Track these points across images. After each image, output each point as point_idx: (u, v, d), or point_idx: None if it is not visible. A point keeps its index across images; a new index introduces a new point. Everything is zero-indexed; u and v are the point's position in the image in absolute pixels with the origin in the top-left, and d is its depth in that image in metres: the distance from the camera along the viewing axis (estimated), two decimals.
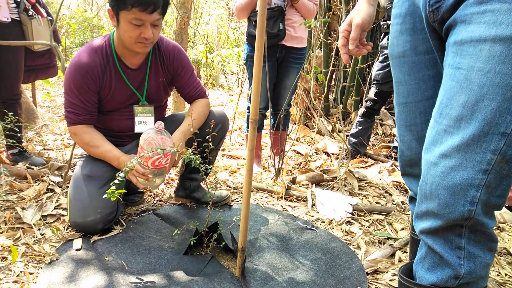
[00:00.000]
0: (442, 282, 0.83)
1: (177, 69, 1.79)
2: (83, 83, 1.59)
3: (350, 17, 1.02)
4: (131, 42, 1.55)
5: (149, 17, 1.49)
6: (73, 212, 1.59)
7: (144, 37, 1.53)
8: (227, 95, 5.47)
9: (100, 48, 1.63)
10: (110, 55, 1.64)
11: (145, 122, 1.79)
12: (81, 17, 7.29)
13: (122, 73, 1.67)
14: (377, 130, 3.82)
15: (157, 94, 1.81)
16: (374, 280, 1.49)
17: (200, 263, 1.48)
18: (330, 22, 4.05)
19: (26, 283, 1.30)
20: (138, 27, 1.50)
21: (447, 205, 0.79)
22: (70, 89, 1.61)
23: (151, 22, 1.52)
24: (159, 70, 1.76)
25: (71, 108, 1.63)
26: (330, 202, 2.10)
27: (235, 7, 2.38)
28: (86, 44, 1.67)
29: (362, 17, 0.98)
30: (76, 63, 1.59)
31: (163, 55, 1.75)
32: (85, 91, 1.61)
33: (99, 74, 1.62)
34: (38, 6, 2.24)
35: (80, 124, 1.65)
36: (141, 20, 1.49)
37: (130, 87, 1.71)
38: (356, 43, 1.00)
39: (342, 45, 1.04)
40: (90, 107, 1.65)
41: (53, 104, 4.31)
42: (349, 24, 1.02)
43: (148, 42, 1.56)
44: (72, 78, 1.60)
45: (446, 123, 0.79)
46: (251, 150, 1.24)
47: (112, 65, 1.65)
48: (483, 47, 0.73)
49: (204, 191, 2.02)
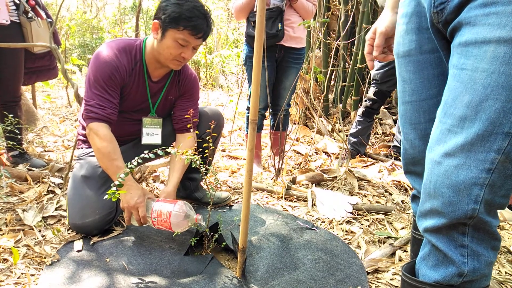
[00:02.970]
0: (446, 280, 0.84)
1: (185, 91, 1.84)
2: (112, 76, 1.58)
3: (376, 25, 1.07)
4: (168, 58, 1.60)
5: (196, 41, 1.57)
6: (72, 214, 1.60)
7: (183, 57, 1.60)
8: (227, 95, 5.48)
9: (130, 49, 1.65)
10: (139, 60, 1.67)
11: (153, 133, 1.82)
12: (81, 19, 7.29)
13: (146, 79, 1.70)
14: (376, 129, 3.82)
15: (164, 109, 1.85)
16: (374, 279, 1.49)
17: (201, 264, 1.48)
18: (329, 22, 4.06)
19: (27, 284, 1.31)
20: (182, 47, 1.57)
21: (451, 203, 0.80)
22: (97, 80, 1.56)
23: (194, 45, 1.60)
24: (173, 88, 1.81)
25: (95, 101, 1.56)
26: (330, 201, 2.10)
27: (234, 8, 2.39)
28: (114, 41, 1.65)
29: (385, 25, 1.02)
30: (107, 57, 1.58)
31: (181, 76, 1.81)
32: (113, 84, 1.60)
33: (127, 73, 1.64)
34: (37, 8, 2.24)
35: (104, 120, 1.58)
36: (188, 42, 1.56)
37: (148, 95, 1.74)
38: (381, 50, 1.04)
39: (367, 53, 1.09)
40: (115, 101, 1.62)
41: (53, 106, 4.31)
42: (374, 32, 1.06)
43: (184, 62, 1.63)
44: (101, 70, 1.56)
45: (450, 123, 0.80)
46: (251, 150, 1.25)
47: (138, 70, 1.67)
48: (487, 48, 0.75)
49: (204, 191, 2.03)
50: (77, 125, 3.47)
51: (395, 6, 1.01)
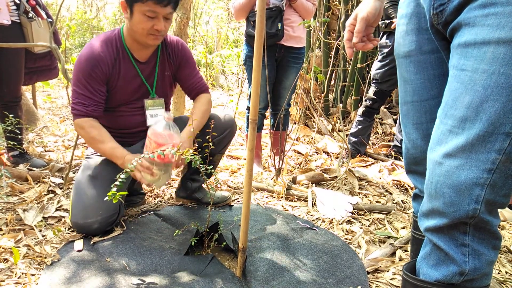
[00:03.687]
0: (447, 279, 0.84)
1: (181, 61, 1.83)
2: (92, 73, 1.61)
3: (356, 11, 1.02)
4: (143, 34, 1.59)
5: (163, 10, 1.55)
6: (75, 212, 1.60)
7: (156, 29, 1.58)
8: (227, 95, 5.48)
9: (111, 40, 1.67)
10: (120, 47, 1.68)
11: (156, 114, 1.82)
12: (81, 19, 7.30)
13: (134, 63, 1.71)
14: (377, 129, 3.82)
15: (163, 88, 1.85)
16: (374, 279, 1.49)
17: (201, 264, 1.48)
18: (329, 22, 4.05)
19: (28, 284, 1.31)
20: (151, 19, 1.55)
21: (452, 203, 0.80)
22: (79, 79, 1.62)
23: (164, 15, 1.57)
24: (166, 64, 1.81)
25: (78, 99, 1.63)
26: (331, 201, 2.10)
27: (233, 7, 2.39)
28: (95, 37, 1.70)
29: (367, 11, 0.99)
30: (86, 54, 1.62)
31: (169, 49, 1.80)
32: (94, 81, 1.62)
33: (109, 65, 1.65)
34: (38, 8, 2.24)
35: (88, 116, 1.64)
36: (155, 13, 1.54)
37: (142, 78, 1.75)
38: (361, 36, 0.99)
39: (347, 39, 1.04)
40: (98, 98, 1.65)
41: (53, 106, 4.31)
42: (355, 18, 1.02)
43: (160, 34, 1.61)
44: (81, 68, 1.61)
45: (451, 124, 0.81)
46: (251, 150, 1.25)
47: (122, 57, 1.68)
48: (487, 49, 0.75)
49: (205, 191, 2.03)
50: None
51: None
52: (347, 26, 1.04)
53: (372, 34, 1.04)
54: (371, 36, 1.03)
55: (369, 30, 1.02)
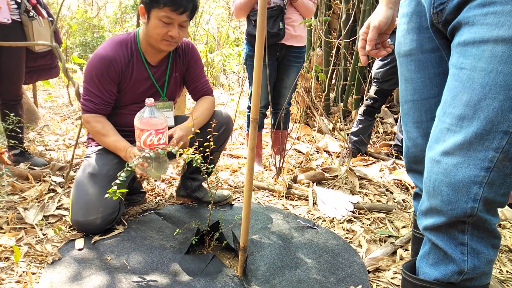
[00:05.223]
0: (446, 278, 0.84)
1: (190, 61, 1.87)
2: (105, 73, 1.65)
3: (369, 20, 1.05)
4: (157, 39, 1.63)
5: (178, 17, 1.59)
6: (76, 210, 1.60)
7: (170, 35, 1.61)
8: (228, 94, 5.48)
9: (126, 42, 1.71)
10: (135, 50, 1.72)
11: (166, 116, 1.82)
12: (82, 18, 7.30)
13: (147, 66, 1.74)
14: (377, 128, 3.82)
15: (173, 91, 1.89)
16: (375, 278, 1.49)
17: (202, 262, 1.48)
18: (330, 21, 4.05)
19: (29, 283, 1.31)
20: (166, 25, 1.59)
21: (450, 202, 0.80)
22: (91, 78, 1.66)
23: (179, 22, 1.61)
24: (176, 65, 1.84)
25: (89, 97, 1.68)
26: (331, 200, 2.10)
27: (234, 6, 2.38)
28: (110, 38, 1.74)
29: (379, 20, 1.01)
30: (101, 54, 1.66)
31: (179, 50, 1.84)
32: (106, 81, 1.66)
33: (122, 66, 1.69)
34: (39, 7, 2.24)
35: (95, 113, 1.69)
36: (171, 19, 1.58)
37: (153, 81, 1.78)
38: (373, 44, 1.02)
39: (361, 47, 1.07)
40: (107, 98, 1.70)
41: (54, 105, 4.31)
42: (368, 27, 1.05)
43: (173, 41, 1.64)
44: (95, 67, 1.65)
45: (449, 122, 0.81)
46: (252, 149, 1.25)
47: (135, 59, 1.72)
48: (485, 48, 0.75)
49: (205, 190, 2.03)
50: (78, 124, 3.48)
51: (390, 2, 1.01)
52: (360, 34, 1.08)
53: (388, 40, 1.06)
54: (386, 43, 1.06)
55: (383, 37, 1.04)
